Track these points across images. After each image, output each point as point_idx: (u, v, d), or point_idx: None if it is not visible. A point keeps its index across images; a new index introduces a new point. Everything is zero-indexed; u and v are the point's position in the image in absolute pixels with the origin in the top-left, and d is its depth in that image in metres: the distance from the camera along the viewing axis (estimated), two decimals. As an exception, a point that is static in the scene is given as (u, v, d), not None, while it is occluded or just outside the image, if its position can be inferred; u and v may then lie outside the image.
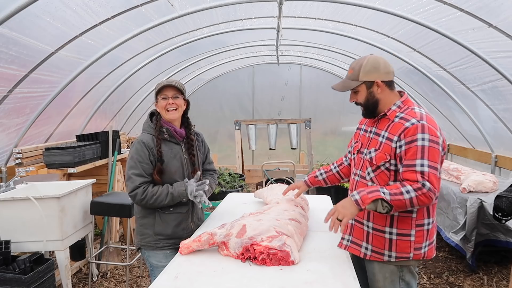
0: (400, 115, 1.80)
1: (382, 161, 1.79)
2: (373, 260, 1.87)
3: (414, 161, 1.68)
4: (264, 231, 1.79)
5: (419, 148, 1.68)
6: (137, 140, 2.15)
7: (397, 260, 1.81)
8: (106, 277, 3.75)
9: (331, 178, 2.31)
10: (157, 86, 2.16)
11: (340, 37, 5.20)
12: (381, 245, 1.83)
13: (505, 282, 3.53)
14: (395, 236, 1.80)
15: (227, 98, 8.60)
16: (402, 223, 1.79)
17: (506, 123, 4.21)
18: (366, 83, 1.83)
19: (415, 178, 1.66)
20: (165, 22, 3.91)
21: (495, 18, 3.09)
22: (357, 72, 1.83)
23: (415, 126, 1.71)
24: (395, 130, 1.77)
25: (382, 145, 1.81)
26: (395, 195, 1.64)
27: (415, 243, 1.79)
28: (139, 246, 2.23)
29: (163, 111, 2.15)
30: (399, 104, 1.85)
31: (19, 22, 2.70)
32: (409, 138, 1.70)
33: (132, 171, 2.08)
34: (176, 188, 2.09)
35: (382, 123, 1.87)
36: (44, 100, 3.78)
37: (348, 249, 1.94)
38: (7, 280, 2.50)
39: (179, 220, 2.19)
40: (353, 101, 1.93)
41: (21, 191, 3.16)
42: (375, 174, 1.83)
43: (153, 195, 2.06)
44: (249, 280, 1.57)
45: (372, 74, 1.82)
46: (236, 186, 5.81)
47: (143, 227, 2.19)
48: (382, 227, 1.82)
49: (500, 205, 2.64)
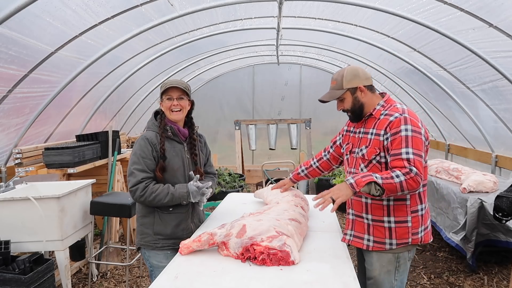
0: (385, 112, 1.97)
1: (373, 155, 1.94)
2: (375, 250, 1.98)
3: (399, 150, 1.83)
4: (264, 231, 1.79)
5: (403, 138, 1.84)
6: (141, 137, 2.17)
7: (398, 246, 1.94)
8: (106, 277, 3.74)
9: (312, 173, 2.53)
10: (163, 86, 2.17)
11: (340, 37, 5.20)
12: (381, 235, 1.96)
13: (505, 283, 3.53)
14: (394, 224, 1.94)
15: (227, 98, 8.60)
16: (398, 211, 1.93)
17: (507, 123, 4.21)
18: (350, 89, 2.00)
19: (402, 165, 1.80)
20: (165, 22, 3.91)
21: (496, 18, 3.09)
22: (340, 82, 2.01)
23: (398, 119, 1.88)
24: (381, 125, 1.94)
25: (371, 141, 1.97)
26: (387, 179, 1.77)
27: (412, 229, 1.94)
28: (139, 246, 2.23)
29: (168, 111, 2.17)
30: (382, 104, 2.03)
31: (19, 22, 2.70)
32: (394, 130, 1.87)
33: (134, 166, 2.09)
34: (178, 189, 2.09)
35: (369, 123, 2.03)
36: (43, 100, 3.78)
37: (351, 242, 2.06)
38: (7, 280, 2.50)
39: (179, 220, 2.19)
40: (340, 109, 2.09)
41: (20, 191, 3.16)
42: (368, 169, 1.98)
43: (153, 193, 2.05)
44: (249, 280, 1.57)
45: (354, 81, 1.99)
46: (236, 186, 5.81)
47: (143, 227, 2.19)
48: (380, 217, 1.96)
49: (501, 205, 2.63)
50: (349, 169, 2.13)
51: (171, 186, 2.11)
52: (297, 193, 2.52)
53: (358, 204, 2.05)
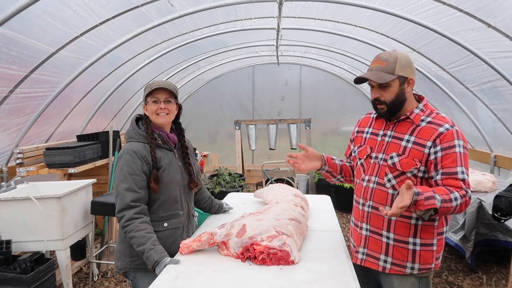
0: (427, 119, 1.70)
1: (412, 168, 1.67)
2: (392, 273, 1.76)
3: (455, 169, 1.60)
4: (264, 231, 1.80)
5: (458, 155, 1.61)
6: (126, 151, 1.88)
7: (419, 272, 1.73)
8: (107, 277, 3.75)
9: (337, 168, 2.05)
10: (148, 88, 1.93)
11: (340, 37, 5.21)
12: (403, 257, 1.73)
13: (504, 282, 3.54)
14: (419, 247, 1.71)
15: (227, 98, 8.60)
16: (425, 232, 1.70)
17: (505, 123, 4.22)
18: (400, 78, 1.67)
19: (459, 186, 1.59)
20: (165, 22, 3.92)
21: (494, 18, 3.10)
22: (393, 65, 1.66)
23: (451, 131, 1.63)
24: (426, 135, 1.66)
25: (408, 150, 1.69)
26: (445, 202, 1.53)
27: (436, 253, 1.74)
28: (126, 270, 1.96)
29: (153, 115, 1.93)
30: (421, 108, 1.74)
31: (20, 22, 2.71)
32: (446, 144, 1.62)
33: (121, 185, 1.83)
34: (153, 252, 1.73)
35: (402, 127, 1.74)
36: (44, 100, 3.79)
37: (364, 263, 1.83)
38: (8, 279, 2.51)
39: (175, 236, 2.00)
40: (376, 96, 1.72)
41: (22, 191, 3.16)
42: (398, 181, 1.71)
43: (132, 231, 1.78)
44: (249, 280, 1.57)
45: (407, 69, 1.68)
46: (236, 186, 5.82)
47: (132, 248, 1.83)
48: (405, 238, 1.72)
49: (499, 205, 2.65)
50: (366, 176, 1.82)
51: (152, 240, 1.78)
52: (297, 193, 2.53)
53: (378, 219, 1.76)
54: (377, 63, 1.70)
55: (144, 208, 1.88)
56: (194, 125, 8.43)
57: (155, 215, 1.95)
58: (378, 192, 1.77)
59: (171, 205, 2.00)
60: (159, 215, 1.97)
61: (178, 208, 2.03)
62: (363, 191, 1.84)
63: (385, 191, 1.75)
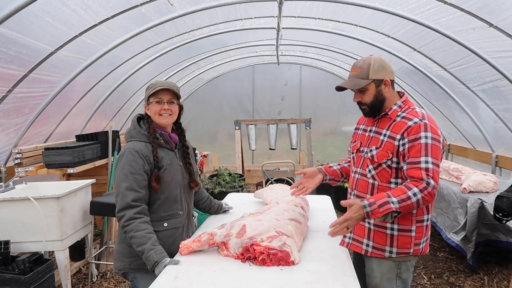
0: (402, 115, 1.85)
1: (384, 159, 1.83)
2: (373, 256, 1.89)
3: (418, 158, 1.72)
4: (264, 231, 1.79)
5: (423, 145, 1.73)
6: (127, 150, 1.89)
7: (397, 256, 1.85)
8: (106, 278, 3.74)
9: (344, 169, 2.24)
10: (151, 88, 1.93)
11: (340, 37, 5.20)
12: (382, 241, 1.86)
13: (505, 283, 3.53)
14: (397, 232, 1.84)
15: (227, 98, 8.59)
16: (403, 219, 1.82)
17: (507, 123, 4.21)
18: (376, 81, 1.85)
19: (420, 175, 1.70)
20: (165, 22, 3.91)
21: (496, 17, 3.09)
22: (366, 71, 1.84)
23: (418, 124, 1.76)
24: (397, 128, 1.82)
25: (383, 143, 1.85)
26: (403, 201, 1.67)
27: (415, 239, 1.84)
28: (126, 271, 1.96)
29: (156, 116, 1.95)
30: (399, 104, 1.90)
31: (19, 21, 2.69)
32: (413, 136, 1.75)
33: (121, 185, 1.83)
34: (153, 252, 1.73)
35: (383, 122, 1.91)
36: (43, 100, 3.78)
37: (350, 246, 1.97)
38: (7, 280, 2.50)
39: (175, 236, 2.00)
40: (358, 100, 1.92)
41: (20, 191, 3.15)
42: (376, 172, 1.87)
43: (132, 231, 1.79)
44: (249, 280, 1.57)
45: (381, 72, 1.85)
46: (236, 186, 5.81)
47: (132, 248, 1.82)
48: (383, 223, 1.84)
49: (501, 205, 2.63)
50: (354, 168, 2.01)
51: (152, 241, 1.78)
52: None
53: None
54: (353, 71, 1.90)
55: (144, 208, 1.88)
56: (194, 125, 8.42)
57: (155, 215, 1.96)
58: (361, 182, 1.95)
59: (171, 205, 2.00)
60: (159, 215, 1.97)
61: (178, 208, 2.03)
62: (352, 181, 2.02)
63: (366, 181, 1.92)
